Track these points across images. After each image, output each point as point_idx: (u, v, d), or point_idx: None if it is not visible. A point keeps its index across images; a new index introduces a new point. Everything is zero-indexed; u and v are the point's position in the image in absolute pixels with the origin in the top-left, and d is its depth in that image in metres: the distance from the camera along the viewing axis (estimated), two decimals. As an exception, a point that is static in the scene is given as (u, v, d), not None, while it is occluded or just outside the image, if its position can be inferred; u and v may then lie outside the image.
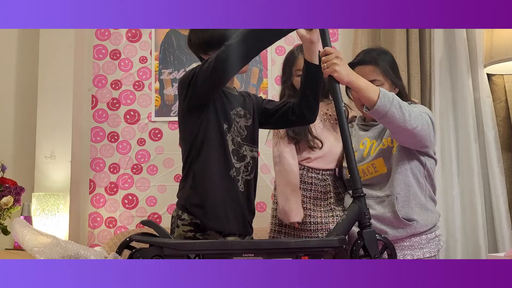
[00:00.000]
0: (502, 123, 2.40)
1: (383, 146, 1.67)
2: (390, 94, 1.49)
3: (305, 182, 1.82)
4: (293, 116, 1.65)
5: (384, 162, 1.65)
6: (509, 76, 2.42)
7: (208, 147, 1.56)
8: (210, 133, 1.56)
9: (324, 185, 1.81)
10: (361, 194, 1.30)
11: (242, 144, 1.61)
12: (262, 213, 2.52)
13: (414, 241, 1.65)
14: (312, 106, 1.63)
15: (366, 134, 1.74)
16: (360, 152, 1.70)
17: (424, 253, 1.65)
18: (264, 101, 1.75)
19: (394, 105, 1.46)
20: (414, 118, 1.50)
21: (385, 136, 1.68)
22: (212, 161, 1.56)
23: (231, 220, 1.57)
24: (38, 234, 1.15)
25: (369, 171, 1.67)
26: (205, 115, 1.56)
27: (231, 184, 1.57)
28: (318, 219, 1.79)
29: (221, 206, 1.55)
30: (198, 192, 1.55)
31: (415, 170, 1.64)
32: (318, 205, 1.81)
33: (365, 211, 1.29)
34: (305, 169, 1.83)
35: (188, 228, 1.55)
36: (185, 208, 1.57)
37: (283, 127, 1.79)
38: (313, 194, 1.81)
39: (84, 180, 2.67)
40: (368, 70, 1.70)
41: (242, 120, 1.63)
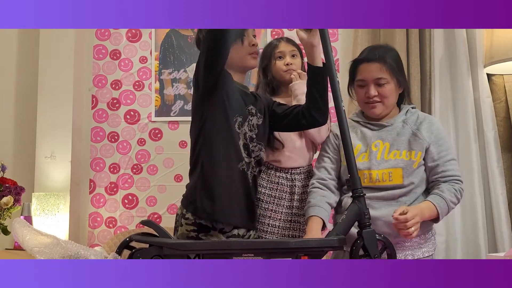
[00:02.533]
0: (502, 123, 2.40)
1: (406, 158, 1.63)
2: (440, 202, 1.59)
3: (272, 181, 1.81)
4: (303, 120, 1.65)
5: (402, 174, 1.62)
6: (509, 76, 2.42)
7: (219, 137, 1.56)
8: (221, 125, 1.56)
9: (291, 185, 1.80)
10: (361, 194, 1.30)
11: (253, 140, 1.62)
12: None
13: (414, 241, 1.65)
14: (322, 108, 1.62)
15: (377, 135, 1.69)
16: (373, 155, 1.65)
17: (424, 253, 1.66)
18: (274, 103, 1.75)
19: (449, 205, 1.59)
20: (461, 195, 1.63)
21: (409, 148, 1.64)
22: (222, 151, 1.56)
23: (239, 212, 1.58)
24: (38, 234, 1.15)
25: (383, 179, 1.62)
26: (217, 106, 1.56)
27: (240, 177, 1.58)
28: (277, 223, 1.78)
29: (230, 197, 1.56)
30: (207, 185, 1.55)
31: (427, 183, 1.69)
32: (282, 206, 1.79)
33: (365, 211, 1.28)
34: (273, 169, 1.81)
35: (191, 227, 1.55)
36: (190, 206, 1.57)
37: (295, 130, 1.78)
38: (278, 194, 1.80)
39: (84, 180, 2.67)
40: (374, 68, 1.66)
41: (254, 119, 1.64)
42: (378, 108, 1.69)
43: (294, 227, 1.77)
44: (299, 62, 1.88)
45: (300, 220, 1.77)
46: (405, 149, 1.64)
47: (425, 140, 1.64)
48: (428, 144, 1.64)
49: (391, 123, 1.70)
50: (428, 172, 1.66)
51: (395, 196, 1.62)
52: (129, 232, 2.52)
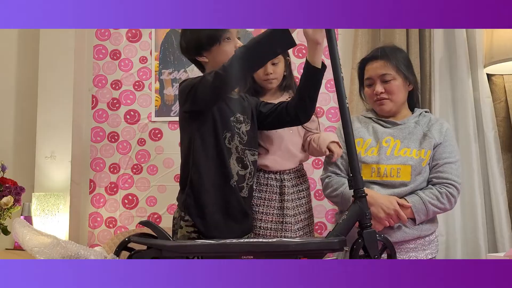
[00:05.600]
0: (502, 123, 2.40)
1: (416, 156, 1.64)
2: (416, 201, 1.60)
3: (261, 183, 1.80)
4: (287, 117, 1.64)
5: (411, 171, 1.63)
6: (509, 76, 2.41)
7: (208, 157, 1.55)
8: (209, 143, 1.55)
9: (281, 185, 1.79)
10: (363, 194, 1.30)
11: (244, 150, 1.61)
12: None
13: (418, 243, 1.65)
14: (308, 109, 1.61)
15: (389, 132, 1.71)
16: (383, 150, 1.67)
17: (427, 255, 1.66)
18: (261, 104, 1.74)
19: (428, 207, 1.60)
20: (449, 199, 1.63)
21: (419, 147, 1.66)
22: (211, 172, 1.55)
23: (232, 228, 1.57)
24: (38, 234, 1.15)
25: (391, 174, 1.64)
26: (204, 124, 1.55)
27: (231, 194, 1.57)
28: (268, 225, 1.78)
29: (222, 217, 1.56)
30: (197, 204, 1.55)
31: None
32: (272, 207, 1.78)
33: (366, 211, 1.28)
34: (261, 171, 1.80)
35: (192, 229, 1.55)
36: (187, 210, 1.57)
37: (278, 128, 1.76)
38: (267, 196, 1.79)
39: (84, 180, 2.67)
40: (378, 65, 1.69)
41: (242, 126, 1.63)
42: (387, 105, 1.71)
43: (286, 228, 1.76)
44: (280, 68, 1.85)
45: (292, 220, 1.77)
46: (416, 148, 1.65)
47: (435, 138, 1.65)
48: (436, 143, 1.65)
49: (403, 122, 1.71)
50: (429, 172, 1.66)
51: (400, 196, 1.62)
52: (129, 232, 2.52)
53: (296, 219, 1.78)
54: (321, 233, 2.55)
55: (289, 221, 1.76)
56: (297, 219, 1.78)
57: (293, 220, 1.76)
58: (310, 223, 1.86)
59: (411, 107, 1.80)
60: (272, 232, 1.76)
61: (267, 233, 1.76)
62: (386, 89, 1.69)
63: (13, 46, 2.74)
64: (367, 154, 1.66)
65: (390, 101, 1.70)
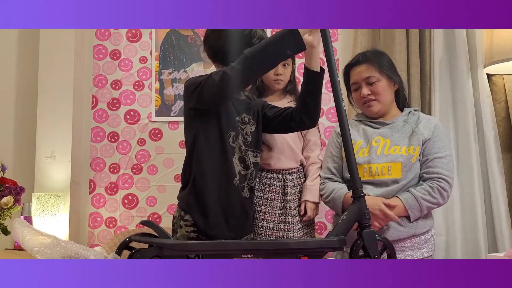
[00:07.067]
0: (502, 123, 2.40)
1: (405, 153, 1.66)
2: (408, 197, 1.62)
3: (263, 183, 1.80)
4: (292, 122, 1.63)
5: (401, 168, 1.64)
6: (509, 76, 2.41)
7: (212, 155, 1.55)
8: (214, 141, 1.55)
9: (283, 185, 1.80)
10: (361, 194, 1.30)
11: (247, 150, 1.61)
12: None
13: (414, 241, 1.65)
14: (313, 113, 1.60)
15: (378, 132, 1.74)
16: (374, 150, 1.70)
17: (423, 253, 1.66)
18: (267, 106, 1.74)
19: (421, 203, 1.61)
20: (441, 193, 1.63)
21: (408, 143, 1.67)
22: (214, 170, 1.55)
23: (234, 225, 1.57)
24: (38, 234, 1.15)
25: (382, 172, 1.66)
26: (209, 121, 1.55)
27: (234, 193, 1.57)
28: (271, 224, 1.78)
29: (223, 216, 1.56)
30: (199, 201, 1.55)
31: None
32: (274, 207, 1.79)
33: (365, 211, 1.28)
34: (264, 170, 1.81)
35: (191, 228, 1.55)
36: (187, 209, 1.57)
37: (283, 132, 1.77)
38: (270, 196, 1.80)
39: (84, 180, 2.67)
40: (362, 69, 1.74)
41: (247, 127, 1.63)
42: (375, 106, 1.75)
43: (288, 228, 1.77)
44: (289, 71, 1.89)
45: (294, 220, 1.77)
46: (405, 145, 1.67)
47: (423, 134, 1.67)
48: (425, 139, 1.67)
49: (392, 122, 1.73)
50: (420, 168, 1.68)
51: (393, 193, 1.64)
52: (129, 232, 2.53)
53: (298, 219, 1.79)
54: (321, 233, 2.55)
55: (291, 220, 1.77)
56: (299, 219, 1.79)
57: (295, 220, 1.77)
58: (311, 223, 1.87)
59: (401, 107, 1.82)
60: (274, 231, 1.76)
61: (269, 233, 1.76)
62: (372, 91, 1.73)
63: (13, 46, 2.74)
64: (359, 155, 1.69)
65: (378, 102, 1.74)
